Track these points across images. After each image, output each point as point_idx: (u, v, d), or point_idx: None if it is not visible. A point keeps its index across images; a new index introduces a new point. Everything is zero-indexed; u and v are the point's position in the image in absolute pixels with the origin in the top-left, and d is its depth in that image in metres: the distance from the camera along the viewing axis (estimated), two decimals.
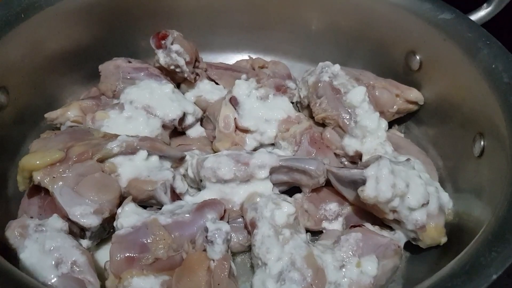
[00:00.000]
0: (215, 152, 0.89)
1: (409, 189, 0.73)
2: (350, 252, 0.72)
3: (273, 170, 0.81)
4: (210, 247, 0.66)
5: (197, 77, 0.99)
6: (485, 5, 0.91)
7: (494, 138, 0.72)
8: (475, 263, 0.50)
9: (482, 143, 0.77)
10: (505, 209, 0.57)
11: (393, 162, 0.77)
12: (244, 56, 1.10)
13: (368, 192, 0.73)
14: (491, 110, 0.74)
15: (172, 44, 0.93)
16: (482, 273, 0.49)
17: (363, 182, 0.75)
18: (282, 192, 0.85)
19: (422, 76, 0.94)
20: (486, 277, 0.48)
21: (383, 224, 0.79)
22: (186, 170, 0.86)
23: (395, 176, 0.73)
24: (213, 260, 0.66)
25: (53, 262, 0.66)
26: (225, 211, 0.77)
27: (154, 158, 0.83)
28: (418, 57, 0.94)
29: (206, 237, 0.67)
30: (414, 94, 0.93)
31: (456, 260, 0.55)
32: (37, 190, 0.78)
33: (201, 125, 0.96)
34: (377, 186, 0.73)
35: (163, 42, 0.93)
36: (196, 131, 0.94)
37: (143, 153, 0.81)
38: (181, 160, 0.85)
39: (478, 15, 0.92)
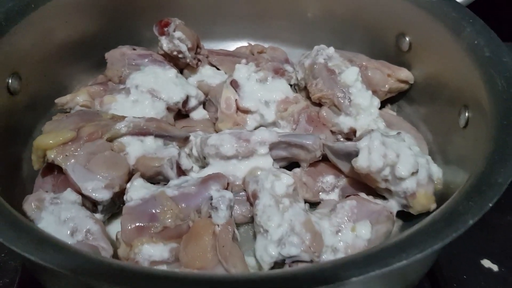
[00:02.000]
0: (217, 132, 0.94)
1: (399, 159, 0.78)
2: (345, 218, 0.77)
3: (272, 146, 0.86)
4: (214, 213, 0.71)
5: (199, 62, 1.04)
6: None
7: (477, 108, 0.77)
8: (454, 211, 0.55)
9: (466, 114, 0.81)
10: (483, 166, 0.62)
11: (384, 135, 0.81)
12: (244, 44, 1.15)
13: (361, 162, 0.78)
14: (474, 83, 0.79)
15: (174, 31, 0.98)
16: (459, 219, 0.54)
17: (356, 153, 0.79)
18: (283, 167, 0.90)
19: (412, 57, 0.98)
20: (463, 222, 0.53)
21: (377, 194, 0.84)
22: (191, 149, 0.90)
23: (386, 147, 0.78)
24: (218, 225, 0.71)
25: (69, 231, 0.71)
26: (228, 184, 0.82)
27: (160, 138, 0.88)
28: (407, 39, 0.98)
29: (211, 204, 0.71)
30: (404, 74, 0.98)
31: (438, 210, 0.61)
32: (50, 169, 0.83)
33: (204, 108, 1.01)
34: (369, 157, 0.77)
35: (165, 29, 0.98)
36: (199, 114, 0.99)
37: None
38: (185, 140, 0.90)
39: None
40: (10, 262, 0.85)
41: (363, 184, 0.84)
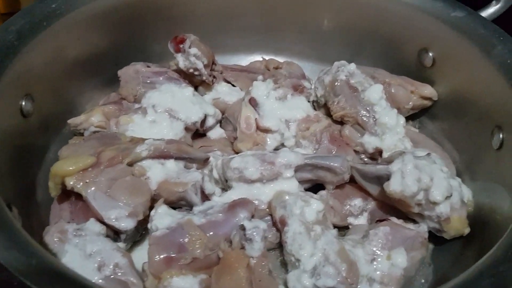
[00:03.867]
0: (236, 152, 0.91)
1: (433, 183, 0.75)
2: (379, 246, 0.75)
3: (298, 168, 0.83)
4: (249, 245, 0.68)
5: (214, 79, 1.01)
6: (494, 2, 0.94)
7: None
8: None
9: (501, 135, 0.80)
10: None
11: (416, 157, 0.79)
12: (256, 57, 1.12)
13: (394, 187, 0.75)
14: (509, 104, 0.77)
15: (190, 47, 0.95)
16: None
17: (388, 177, 0.77)
18: (306, 189, 0.87)
19: (436, 73, 0.96)
20: None
21: (407, 217, 0.81)
22: (211, 171, 0.87)
23: (420, 171, 0.76)
24: (252, 258, 0.68)
25: (96, 266, 0.68)
26: (255, 209, 0.79)
27: (180, 161, 0.85)
28: (431, 54, 0.96)
29: (245, 235, 0.69)
30: (428, 90, 0.96)
31: (496, 248, 0.59)
32: (67, 195, 0.80)
33: (221, 126, 0.98)
34: (402, 181, 0.75)
35: (181, 46, 0.95)
36: (217, 133, 0.96)
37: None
38: (205, 161, 0.87)
39: (487, 12, 0.95)
40: None
41: (393, 207, 0.82)
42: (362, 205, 0.84)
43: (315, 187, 0.87)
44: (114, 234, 0.77)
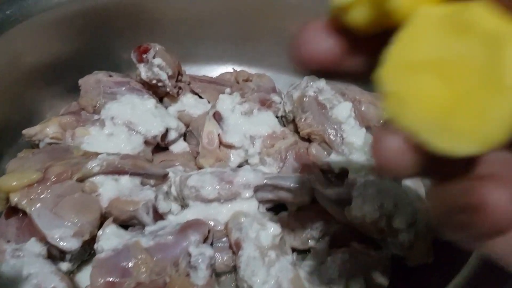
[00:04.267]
0: (199, 167, 0.87)
1: (397, 209, 0.72)
2: (337, 273, 0.71)
3: (258, 188, 0.79)
4: (193, 273, 0.64)
5: (180, 91, 0.97)
6: None
7: None
8: None
9: None
10: None
11: (381, 179, 0.75)
12: (229, 68, 1.08)
13: (355, 212, 0.72)
14: None
15: (154, 58, 0.91)
16: None
17: (349, 201, 0.73)
18: (269, 209, 0.83)
19: None
20: None
21: (371, 242, 0.78)
22: (170, 187, 0.83)
23: (383, 196, 0.72)
24: (197, 286, 0.64)
25: None
26: (209, 231, 0.75)
27: (136, 177, 0.81)
28: None
29: (189, 262, 0.65)
30: None
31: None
32: (15, 210, 0.75)
33: (185, 140, 0.94)
34: (363, 206, 0.71)
35: (144, 56, 0.91)
36: (180, 146, 0.92)
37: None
38: (164, 177, 0.83)
39: None
40: None
41: (356, 231, 0.78)
42: (324, 228, 0.80)
43: (279, 206, 0.83)
44: (60, 253, 0.73)
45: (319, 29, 0.31)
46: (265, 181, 0.78)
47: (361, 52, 0.31)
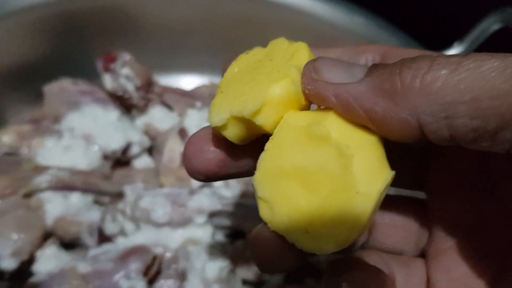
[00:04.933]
0: (160, 185, 0.83)
1: None
2: None
3: (213, 214, 0.75)
4: None
5: (149, 103, 0.92)
6: (456, 43, 0.84)
7: None
8: None
9: None
10: None
11: None
12: (206, 80, 1.04)
13: None
14: None
15: (122, 67, 0.87)
16: None
17: None
18: (227, 235, 0.79)
19: None
20: None
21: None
22: (126, 205, 0.79)
23: None
24: None
25: None
26: (155, 258, 0.71)
27: (89, 194, 0.77)
28: None
29: None
30: None
31: None
32: None
33: (150, 155, 0.90)
34: None
35: (111, 65, 0.87)
36: (143, 162, 0.88)
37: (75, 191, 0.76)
38: (118, 195, 0.79)
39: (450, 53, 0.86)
40: None
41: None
42: None
43: (238, 233, 0.79)
44: None
45: (204, 141, 0.34)
46: (219, 207, 0.74)
47: (246, 156, 0.35)
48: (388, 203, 0.38)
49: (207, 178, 0.35)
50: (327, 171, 0.29)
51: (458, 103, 0.25)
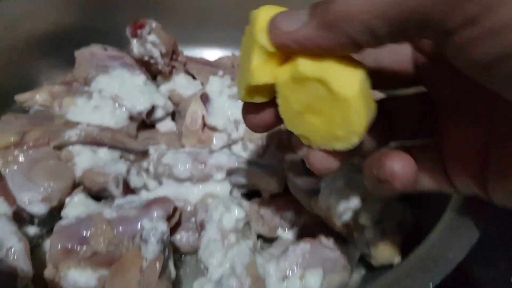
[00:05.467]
0: (183, 147, 0.88)
1: (365, 205, 0.70)
2: (294, 263, 0.70)
3: (231, 172, 0.79)
4: (144, 246, 0.64)
5: (173, 70, 0.97)
6: None
7: None
8: None
9: None
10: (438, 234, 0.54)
11: (355, 172, 0.74)
12: (229, 53, 1.08)
13: (320, 203, 0.70)
14: None
15: (148, 34, 0.91)
16: None
17: (317, 191, 0.72)
18: (244, 195, 0.83)
19: None
20: None
21: (339, 235, 0.76)
22: (149, 164, 0.84)
23: (351, 189, 0.70)
24: (146, 259, 0.64)
25: None
26: (175, 209, 0.75)
27: (116, 151, 0.82)
28: None
29: (141, 235, 0.65)
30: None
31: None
32: None
33: (173, 119, 0.94)
34: (329, 198, 0.70)
35: (139, 31, 0.91)
36: (166, 126, 0.93)
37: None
38: (143, 154, 0.84)
39: None
40: None
41: (326, 225, 0.76)
42: (294, 218, 0.79)
43: (255, 193, 0.82)
44: (30, 217, 0.75)
45: (249, 110, 0.46)
46: (237, 165, 0.78)
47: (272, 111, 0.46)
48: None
49: (264, 129, 0.48)
50: (320, 97, 0.38)
51: (372, 19, 0.33)
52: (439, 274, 0.48)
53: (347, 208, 0.69)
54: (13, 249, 0.66)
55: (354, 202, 0.69)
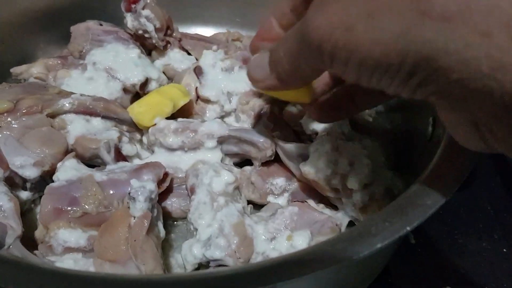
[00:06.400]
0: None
1: (352, 168, 0.70)
2: (283, 225, 0.71)
3: (222, 140, 0.80)
4: (132, 204, 0.65)
5: (168, 45, 0.98)
6: None
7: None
8: (365, 231, 0.48)
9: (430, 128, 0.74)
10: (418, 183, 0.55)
11: (342, 139, 0.74)
12: (224, 31, 1.09)
13: (308, 168, 0.71)
14: None
15: (143, 9, 0.93)
16: (366, 241, 0.46)
17: (307, 157, 0.73)
18: (236, 164, 0.83)
19: None
20: (369, 245, 0.46)
21: (328, 202, 0.77)
22: (142, 135, 0.85)
23: (339, 153, 0.71)
24: (134, 217, 0.65)
25: None
26: (166, 174, 0.76)
27: (109, 121, 0.83)
28: None
29: (129, 193, 0.66)
30: None
31: (352, 228, 0.54)
32: None
33: None
34: (317, 162, 0.71)
35: (133, 6, 0.93)
36: None
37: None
38: (136, 126, 0.85)
39: None
40: None
41: (315, 190, 0.77)
42: (285, 184, 0.79)
43: (247, 162, 0.83)
44: (22, 182, 0.76)
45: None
46: (228, 133, 0.79)
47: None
48: None
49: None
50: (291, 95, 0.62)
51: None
52: (416, 218, 0.48)
53: (334, 171, 0.70)
54: (3, 208, 0.67)
55: (342, 166, 0.70)
